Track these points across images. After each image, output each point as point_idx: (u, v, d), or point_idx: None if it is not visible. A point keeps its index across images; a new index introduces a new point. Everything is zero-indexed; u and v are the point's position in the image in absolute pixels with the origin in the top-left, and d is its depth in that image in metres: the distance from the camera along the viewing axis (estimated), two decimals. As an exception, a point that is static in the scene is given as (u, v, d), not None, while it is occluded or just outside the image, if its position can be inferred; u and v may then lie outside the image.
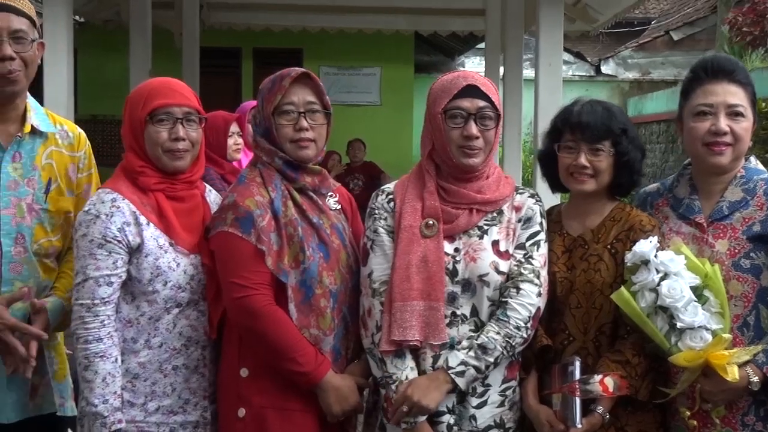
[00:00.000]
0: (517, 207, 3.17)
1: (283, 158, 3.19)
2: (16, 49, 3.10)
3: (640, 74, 21.75)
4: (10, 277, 3.17)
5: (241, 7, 15.24)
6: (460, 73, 3.19)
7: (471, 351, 2.98)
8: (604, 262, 3.18)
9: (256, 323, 3.07)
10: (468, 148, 3.06)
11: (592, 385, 3.03)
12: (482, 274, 3.03)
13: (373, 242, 3.17)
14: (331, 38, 16.41)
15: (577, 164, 3.19)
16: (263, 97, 3.22)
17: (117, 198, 3.12)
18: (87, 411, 3.06)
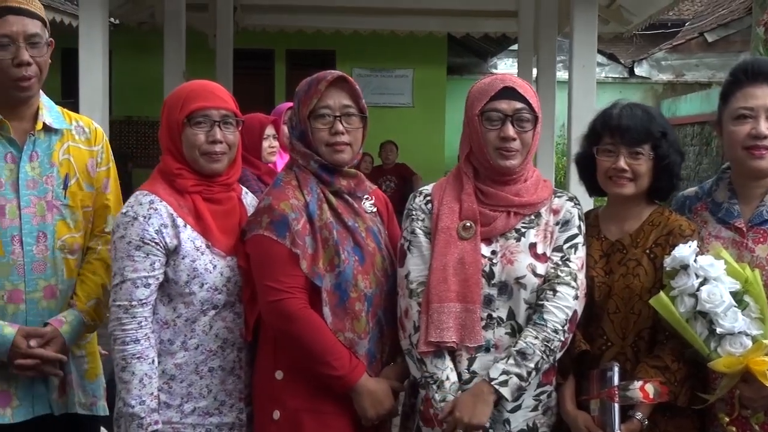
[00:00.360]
0: (555, 210, 3.16)
1: (318, 162, 3.19)
2: (32, 54, 3.13)
3: (673, 76, 21.62)
4: (34, 276, 3.19)
5: (275, 8, 15.25)
6: (498, 76, 3.19)
7: (510, 359, 2.97)
8: (643, 267, 3.15)
9: (290, 327, 3.07)
10: (505, 150, 3.05)
11: (632, 391, 3.01)
12: (519, 276, 3.02)
13: (410, 243, 3.16)
14: (364, 40, 16.41)
15: (616, 168, 3.17)
16: (299, 99, 3.23)
17: (154, 200, 3.14)
18: (124, 412, 3.07)
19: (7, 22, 3.10)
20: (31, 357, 3.14)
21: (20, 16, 3.12)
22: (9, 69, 3.11)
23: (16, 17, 3.11)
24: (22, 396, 3.21)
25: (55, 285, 3.25)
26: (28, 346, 3.13)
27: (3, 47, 3.10)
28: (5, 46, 3.10)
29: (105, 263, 3.35)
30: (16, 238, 3.17)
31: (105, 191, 3.40)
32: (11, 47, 3.10)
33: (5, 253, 3.15)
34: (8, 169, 3.18)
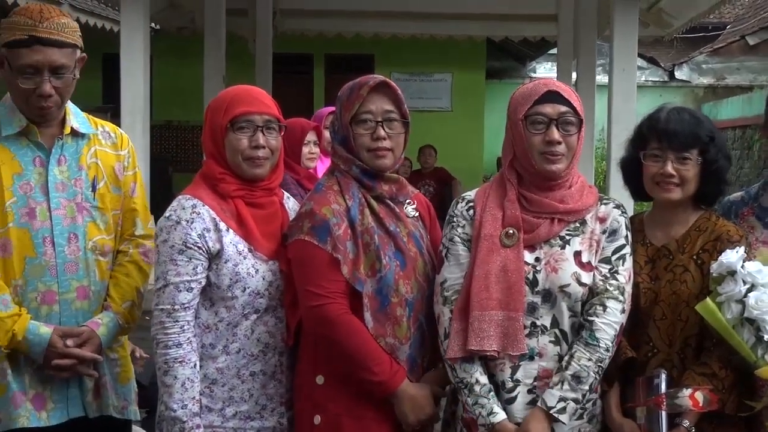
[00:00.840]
0: (602, 218, 3.11)
1: (360, 167, 3.17)
2: (56, 85, 3.12)
3: (714, 79, 21.51)
4: (66, 276, 3.19)
5: (314, 13, 15.34)
6: (541, 80, 3.15)
7: (565, 384, 2.94)
8: (690, 273, 3.11)
9: (331, 332, 3.06)
10: (550, 154, 3.01)
11: (681, 399, 2.96)
12: (563, 285, 2.98)
13: (448, 250, 3.14)
14: (403, 44, 16.47)
15: (663, 173, 3.12)
16: (341, 104, 3.21)
17: (197, 204, 3.14)
18: (166, 416, 3.07)
19: (35, 51, 3.09)
20: (68, 357, 3.14)
21: (49, 47, 3.11)
22: (30, 97, 3.12)
23: (44, 48, 3.10)
24: (57, 399, 3.22)
25: (87, 286, 3.25)
26: (64, 345, 3.14)
27: (27, 77, 3.10)
28: (30, 75, 3.10)
29: (137, 265, 3.37)
30: (48, 240, 3.17)
31: (132, 195, 3.41)
32: (36, 77, 3.11)
33: (37, 255, 3.16)
34: (37, 172, 3.20)
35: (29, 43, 3.08)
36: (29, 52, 3.08)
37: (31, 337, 3.10)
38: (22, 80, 3.10)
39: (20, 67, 3.09)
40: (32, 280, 3.16)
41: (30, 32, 3.08)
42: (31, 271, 3.16)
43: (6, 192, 3.14)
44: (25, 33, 3.08)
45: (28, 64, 3.08)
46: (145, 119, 8.99)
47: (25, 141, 3.21)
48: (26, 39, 3.08)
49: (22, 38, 3.08)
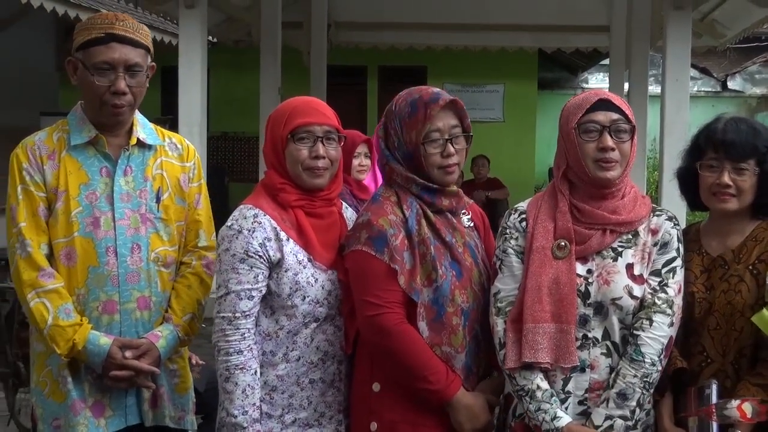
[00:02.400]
0: (654, 230, 3.07)
1: (421, 185, 3.15)
2: (130, 83, 3.16)
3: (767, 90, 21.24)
4: (128, 286, 3.21)
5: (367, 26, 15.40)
6: (592, 91, 3.13)
7: (611, 402, 2.92)
8: (746, 283, 3.07)
9: (387, 341, 3.05)
10: (604, 161, 2.98)
11: (730, 410, 2.92)
12: (615, 297, 2.95)
13: (501, 262, 3.12)
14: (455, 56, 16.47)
15: (720, 183, 3.08)
16: (402, 122, 3.17)
17: (259, 214, 3.14)
18: (227, 422, 3.08)
19: (111, 49, 3.14)
20: (126, 368, 3.16)
21: (125, 45, 3.16)
22: (105, 95, 3.15)
23: (120, 45, 3.15)
24: (116, 407, 3.24)
25: (148, 297, 3.27)
26: (123, 357, 3.16)
27: (103, 73, 3.14)
28: (105, 71, 3.14)
29: (199, 278, 3.38)
30: (111, 249, 3.19)
31: (197, 207, 3.42)
32: (111, 74, 3.14)
33: (100, 264, 3.18)
34: (103, 182, 3.22)
35: (106, 41, 3.13)
36: (105, 50, 3.13)
37: (91, 347, 3.12)
38: (98, 77, 3.13)
39: (96, 64, 3.13)
40: (94, 290, 3.18)
41: (107, 30, 3.14)
42: (94, 280, 3.18)
43: (72, 201, 3.17)
44: (103, 31, 3.14)
45: (104, 61, 3.13)
46: (202, 130, 9.08)
47: (92, 151, 3.24)
48: (103, 36, 3.13)
49: (99, 36, 3.13)
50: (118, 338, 3.18)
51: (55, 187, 3.18)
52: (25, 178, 3.18)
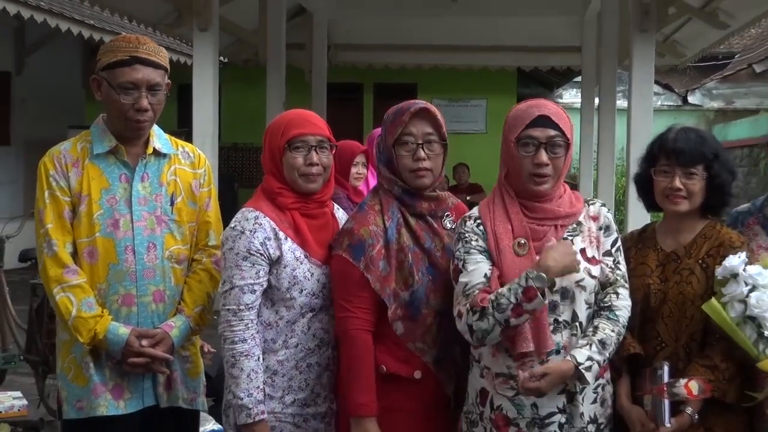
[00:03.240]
0: (594, 217, 3.07)
1: (401, 187, 3.15)
2: (151, 101, 3.17)
3: (724, 104, 21.29)
4: (144, 282, 3.21)
5: (363, 47, 15.44)
6: (534, 102, 3.06)
7: (593, 346, 2.88)
8: (696, 276, 3.09)
9: (342, 342, 3.09)
10: (537, 176, 2.96)
11: (679, 388, 2.94)
12: (578, 279, 2.93)
13: (464, 261, 3.00)
14: (443, 74, 16.51)
15: (672, 187, 3.10)
16: (386, 128, 3.19)
17: (259, 216, 3.15)
18: (233, 403, 3.08)
19: (135, 70, 3.15)
20: (143, 355, 3.16)
21: (147, 67, 3.17)
22: (129, 111, 3.16)
23: (143, 67, 3.16)
24: (134, 389, 3.24)
25: (163, 290, 3.27)
26: (140, 345, 3.16)
27: (127, 92, 3.15)
28: (129, 90, 3.15)
29: (209, 273, 3.38)
30: (129, 248, 3.20)
31: (207, 209, 3.42)
32: (134, 93, 3.15)
33: (119, 261, 3.19)
34: (122, 188, 3.23)
35: (130, 63, 3.14)
36: (130, 71, 3.14)
37: (111, 337, 3.13)
38: (124, 96, 3.14)
39: (122, 83, 3.14)
40: (114, 285, 3.19)
41: (132, 53, 3.15)
42: (114, 276, 3.19)
43: (94, 205, 3.17)
44: (127, 54, 3.14)
45: (129, 81, 3.14)
46: (214, 141, 9.06)
47: (113, 159, 3.24)
48: (128, 59, 3.14)
49: (124, 58, 3.14)
50: (136, 328, 3.18)
51: (79, 192, 3.19)
52: (51, 184, 3.19)
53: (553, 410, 2.92)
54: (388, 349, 3.08)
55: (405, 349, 3.08)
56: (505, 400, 2.96)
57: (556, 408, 2.92)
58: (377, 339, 3.08)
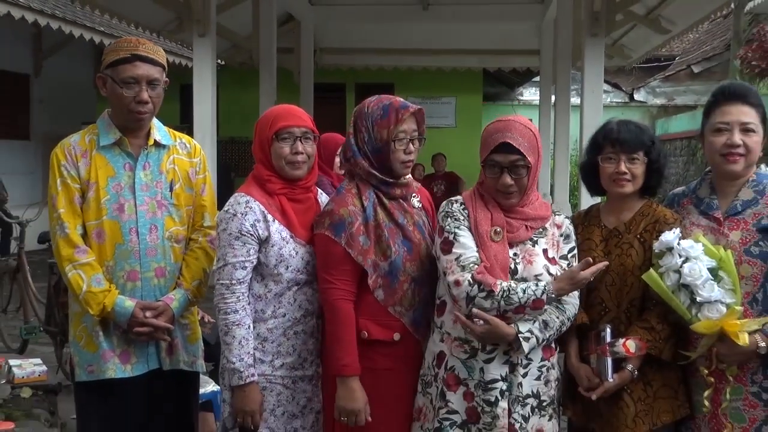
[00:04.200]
0: (558, 225, 3.09)
1: (379, 179, 3.14)
2: (150, 95, 3.16)
3: (666, 100, 21.38)
4: (147, 259, 3.21)
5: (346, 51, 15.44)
6: (503, 125, 2.98)
7: (536, 323, 2.92)
8: (635, 249, 3.11)
9: (326, 311, 3.08)
10: (504, 194, 2.98)
11: (618, 347, 2.98)
12: (537, 273, 2.94)
13: (455, 235, 3.01)
14: (417, 74, 16.49)
15: (618, 171, 3.12)
16: (375, 122, 3.13)
17: (250, 200, 3.13)
18: (227, 367, 3.08)
19: (136, 66, 3.13)
20: (146, 325, 3.16)
21: (146, 63, 3.14)
22: (131, 104, 3.14)
23: (143, 64, 3.14)
24: (139, 354, 3.23)
25: (164, 267, 3.26)
26: (144, 316, 3.16)
27: (129, 86, 3.13)
28: (131, 85, 3.13)
29: (205, 251, 3.36)
30: (133, 230, 3.19)
31: (202, 194, 3.41)
32: (136, 87, 3.13)
33: (124, 241, 3.18)
34: (126, 175, 3.21)
35: (132, 60, 3.12)
36: (131, 67, 3.12)
37: (118, 309, 3.12)
38: (126, 90, 3.12)
39: (124, 79, 3.12)
40: (120, 262, 3.18)
41: (133, 51, 3.13)
42: (120, 254, 3.17)
43: (102, 191, 3.16)
44: (129, 52, 3.13)
45: (131, 76, 3.12)
46: (213, 135, 9.03)
47: (117, 150, 3.22)
48: (129, 57, 3.12)
49: (126, 56, 3.12)
50: (140, 301, 3.18)
51: (88, 180, 3.17)
52: (63, 173, 3.17)
53: (497, 377, 2.94)
54: (370, 317, 3.08)
55: (384, 315, 3.08)
56: (458, 362, 2.98)
57: (499, 376, 2.94)
58: (359, 309, 3.08)
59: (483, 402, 2.95)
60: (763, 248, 2.96)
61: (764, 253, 2.96)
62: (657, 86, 21.73)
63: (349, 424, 3.04)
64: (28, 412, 4.38)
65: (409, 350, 3.11)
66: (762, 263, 2.95)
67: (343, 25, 14.42)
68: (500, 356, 2.94)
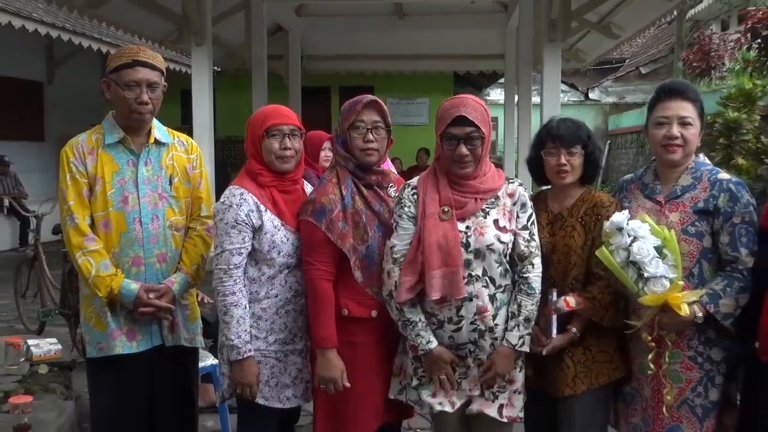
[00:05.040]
0: (511, 194, 3.05)
1: (354, 163, 3.15)
2: (150, 96, 3.14)
3: (617, 99, 21.50)
4: (150, 246, 3.19)
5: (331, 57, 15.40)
6: (456, 101, 2.98)
7: (521, 326, 2.95)
8: (577, 231, 3.14)
9: (308, 289, 3.08)
10: (460, 164, 2.96)
11: (560, 302, 3.03)
12: (489, 244, 2.92)
13: (397, 224, 3.04)
14: (394, 77, 16.46)
15: (559, 164, 3.16)
16: (343, 116, 3.18)
17: (244, 192, 3.12)
18: (226, 344, 3.08)
19: (137, 71, 3.11)
20: (150, 306, 3.15)
21: (146, 68, 3.12)
22: (132, 104, 3.12)
23: (143, 68, 3.12)
24: (144, 332, 3.22)
25: (165, 253, 3.25)
26: (147, 297, 3.15)
27: (131, 88, 3.11)
28: (133, 87, 3.11)
29: (202, 238, 3.35)
30: (137, 219, 3.17)
31: (199, 187, 3.39)
32: (137, 89, 3.12)
33: (129, 230, 3.16)
34: (130, 171, 3.20)
35: (133, 65, 3.10)
36: (133, 72, 3.10)
37: (124, 291, 3.11)
38: (128, 92, 3.11)
39: (126, 82, 3.10)
40: (125, 249, 3.16)
41: (134, 57, 3.12)
42: (125, 242, 3.16)
43: (108, 185, 3.14)
44: (130, 58, 3.11)
45: (132, 80, 3.10)
46: (210, 135, 8.99)
47: (121, 148, 3.20)
48: (131, 62, 3.10)
49: (128, 62, 3.11)
50: (144, 284, 3.17)
51: (94, 175, 3.15)
52: (72, 169, 3.15)
53: (466, 341, 2.96)
54: (350, 296, 3.08)
55: (363, 294, 3.08)
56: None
57: (468, 340, 2.95)
58: (341, 289, 3.08)
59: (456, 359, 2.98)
60: (698, 228, 2.99)
61: (699, 232, 2.99)
62: (609, 86, 21.84)
63: (328, 391, 3.05)
64: (45, 386, 4.37)
65: (385, 326, 3.10)
66: (698, 241, 2.98)
67: (327, 34, 14.35)
68: (467, 326, 2.94)
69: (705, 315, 2.88)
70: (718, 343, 2.98)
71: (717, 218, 2.96)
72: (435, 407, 3.00)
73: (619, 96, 21.53)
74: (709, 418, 2.98)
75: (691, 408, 2.99)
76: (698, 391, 2.98)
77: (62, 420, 3.91)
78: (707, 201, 2.99)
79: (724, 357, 2.99)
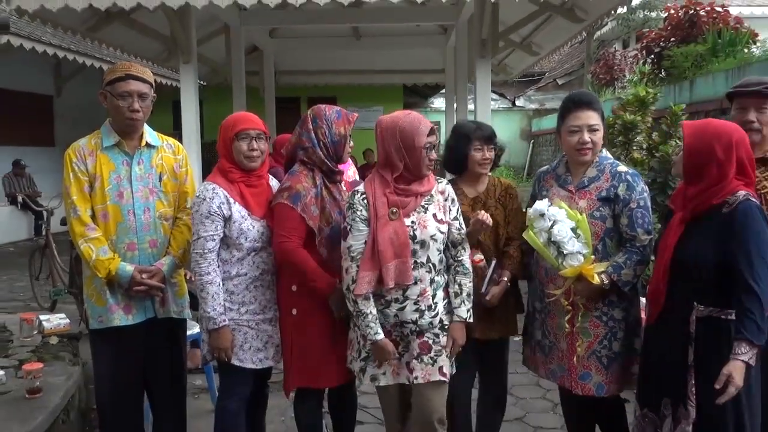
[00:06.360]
0: (442, 191, 3.03)
1: (328, 167, 3.15)
2: (141, 105, 3.08)
3: (539, 105, 21.67)
4: (142, 234, 3.14)
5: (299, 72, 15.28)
6: (418, 117, 2.95)
7: (467, 301, 2.97)
8: (498, 209, 3.31)
9: (291, 258, 3.03)
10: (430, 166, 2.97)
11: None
12: (432, 235, 2.91)
13: (351, 226, 2.94)
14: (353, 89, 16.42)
15: (486, 157, 3.31)
16: (333, 121, 3.15)
17: (215, 187, 3.10)
18: (204, 316, 3.06)
19: (129, 83, 3.05)
20: (143, 285, 3.11)
21: (137, 81, 3.07)
22: (125, 112, 3.07)
23: (134, 81, 3.06)
24: (138, 307, 3.18)
25: (156, 239, 3.19)
26: (141, 278, 3.10)
27: (124, 98, 3.06)
28: (125, 97, 3.06)
29: (188, 226, 3.29)
30: (131, 211, 3.13)
31: (185, 183, 3.33)
32: (129, 99, 3.06)
33: (124, 220, 3.11)
34: (125, 170, 3.14)
35: (125, 78, 3.05)
36: (125, 84, 3.04)
37: (121, 273, 3.06)
38: (121, 101, 3.05)
39: (120, 93, 3.05)
40: (121, 237, 3.11)
41: (126, 71, 3.06)
42: (121, 231, 3.11)
43: (105, 182, 3.09)
44: (123, 72, 3.06)
45: (125, 91, 3.05)
46: (197, 140, 8.83)
47: (117, 150, 3.14)
48: (124, 76, 3.05)
49: (121, 75, 3.05)
50: (138, 266, 3.12)
51: (94, 173, 3.09)
52: (74, 168, 3.09)
53: (408, 321, 2.93)
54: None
55: (326, 267, 3.05)
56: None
57: (410, 320, 2.93)
58: None
59: (398, 336, 2.97)
60: (602, 213, 3.02)
61: (603, 216, 3.02)
62: (532, 95, 22.03)
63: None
64: (56, 355, 4.29)
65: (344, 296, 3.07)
66: (601, 224, 3.02)
67: (296, 53, 14.23)
68: (411, 305, 2.92)
69: (610, 282, 2.92)
70: (619, 305, 3.02)
71: (617, 204, 2.99)
72: (380, 381, 3.00)
73: (540, 103, 21.73)
74: (613, 366, 3.02)
75: (598, 358, 3.03)
76: (604, 344, 3.02)
77: (70, 383, 3.83)
78: (609, 190, 3.02)
79: (623, 316, 3.03)
